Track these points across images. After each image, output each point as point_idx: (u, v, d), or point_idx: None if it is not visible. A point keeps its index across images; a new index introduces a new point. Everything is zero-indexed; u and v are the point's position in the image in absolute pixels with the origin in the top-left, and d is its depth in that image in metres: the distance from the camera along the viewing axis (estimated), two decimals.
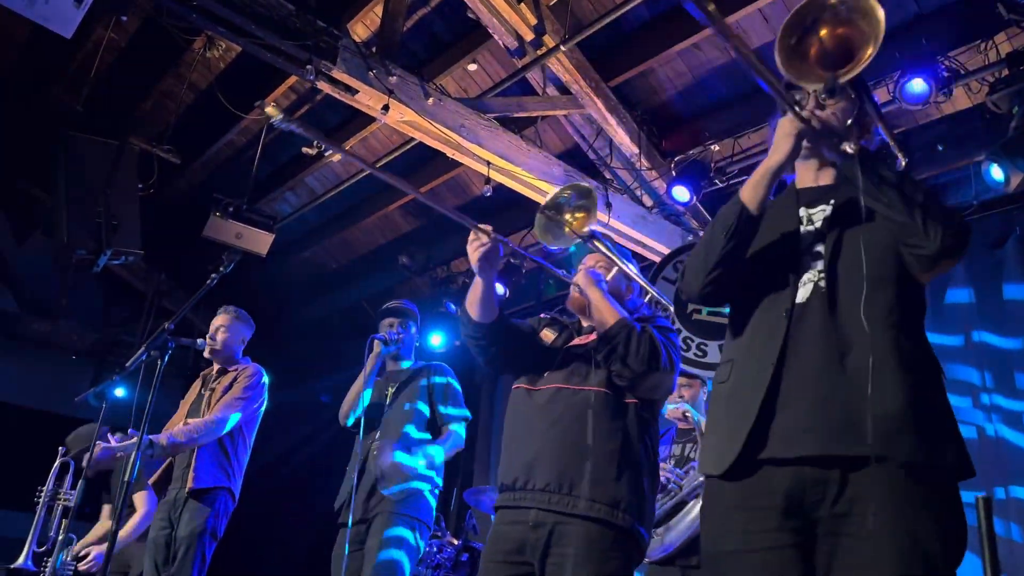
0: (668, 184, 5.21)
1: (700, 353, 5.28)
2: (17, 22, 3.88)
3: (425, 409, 3.56)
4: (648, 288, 2.60)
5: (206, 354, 3.99)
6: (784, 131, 1.68)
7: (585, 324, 2.58)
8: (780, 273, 1.71)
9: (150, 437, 3.54)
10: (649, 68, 5.13)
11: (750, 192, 1.72)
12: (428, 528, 3.38)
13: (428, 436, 3.51)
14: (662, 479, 3.63)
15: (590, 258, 2.62)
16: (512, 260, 6.68)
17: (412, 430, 3.46)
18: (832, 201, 1.76)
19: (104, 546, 3.93)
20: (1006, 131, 3.89)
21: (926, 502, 1.47)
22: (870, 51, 1.53)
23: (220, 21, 3.94)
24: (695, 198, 5.13)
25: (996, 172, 3.90)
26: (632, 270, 2.56)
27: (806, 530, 1.53)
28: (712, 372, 4.71)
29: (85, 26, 4.74)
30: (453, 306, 6.83)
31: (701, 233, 5.72)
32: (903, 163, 2.04)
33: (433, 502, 3.44)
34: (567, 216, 2.36)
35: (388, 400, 3.57)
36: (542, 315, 2.72)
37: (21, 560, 4.30)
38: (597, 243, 2.39)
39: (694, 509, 3.51)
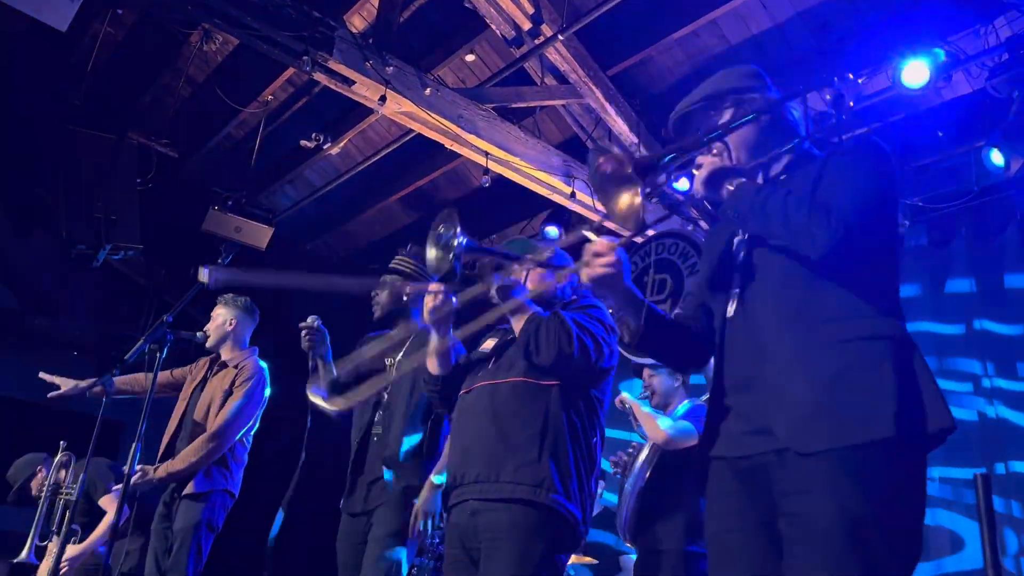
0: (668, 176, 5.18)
1: None
2: (14, 16, 3.87)
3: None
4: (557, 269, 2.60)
5: (206, 345, 3.98)
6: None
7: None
8: (722, 289, 1.81)
9: (144, 468, 3.56)
10: (647, 56, 5.11)
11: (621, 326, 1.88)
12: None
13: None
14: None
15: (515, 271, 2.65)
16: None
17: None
18: None
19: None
20: (1006, 116, 3.88)
21: (858, 477, 1.46)
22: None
23: (216, 13, 3.93)
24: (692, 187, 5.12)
25: (996, 157, 3.89)
26: (553, 263, 2.59)
27: (770, 510, 1.57)
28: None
29: (82, 20, 4.74)
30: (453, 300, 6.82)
31: (701, 223, 5.72)
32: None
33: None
34: (446, 252, 2.43)
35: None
36: (497, 327, 2.78)
37: (24, 555, 4.31)
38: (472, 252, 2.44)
39: (627, 484, 3.70)
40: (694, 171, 1.77)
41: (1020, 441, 4.12)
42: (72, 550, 4.17)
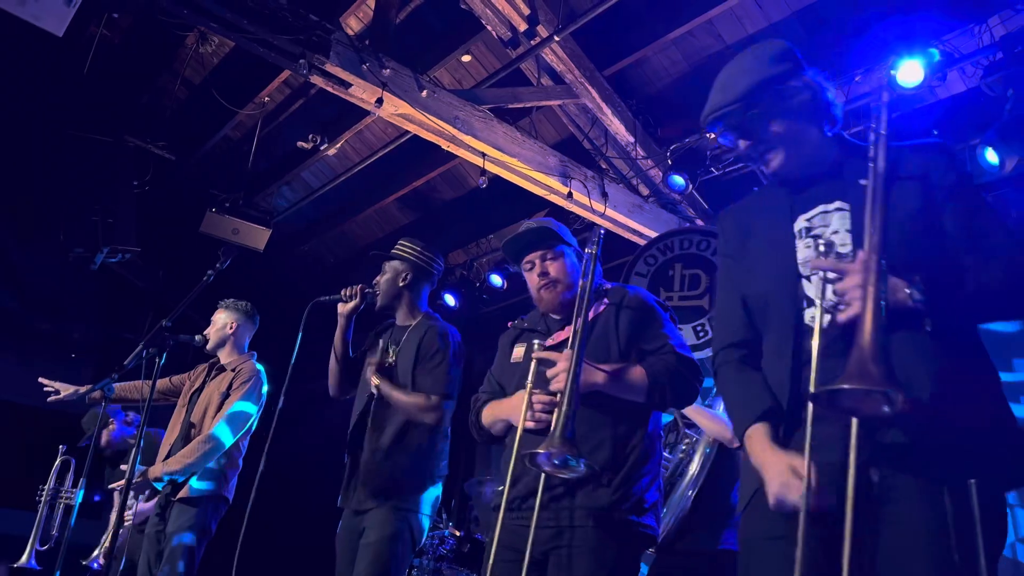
0: (664, 173, 5.20)
1: (703, 332, 5.34)
2: (9, 20, 3.87)
3: None
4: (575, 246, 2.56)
5: (205, 349, 3.98)
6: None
7: (557, 317, 2.53)
8: (792, 290, 1.72)
9: (144, 469, 3.57)
10: (644, 57, 5.12)
11: None
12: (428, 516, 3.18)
13: None
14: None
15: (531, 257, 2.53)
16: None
17: None
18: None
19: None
20: (1001, 115, 3.89)
21: (957, 499, 1.44)
22: None
23: (212, 16, 3.93)
24: (691, 186, 5.14)
25: (991, 156, 3.90)
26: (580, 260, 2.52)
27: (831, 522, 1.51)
28: (702, 352, 4.80)
29: (78, 24, 4.73)
30: (450, 300, 6.84)
31: (698, 221, 5.74)
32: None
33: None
34: None
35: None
36: (509, 324, 2.69)
37: (24, 559, 4.32)
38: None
39: (679, 489, 3.52)
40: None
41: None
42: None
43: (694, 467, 3.52)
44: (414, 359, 3.12)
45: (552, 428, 2.04)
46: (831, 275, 1.53)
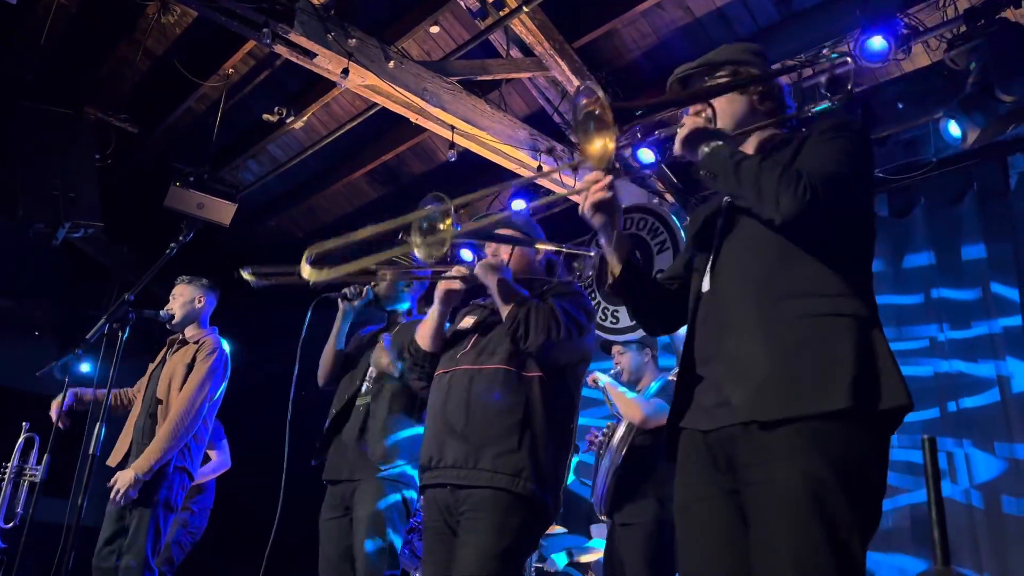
0: (633, 146, 5.18)
1: (614, 320, 5.54)
2: None
3: None
4: (561, 248, 2.74)
5: (168, 325, 3.93)
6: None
7: None
8: (700, 264, 1.84)
9: (121, 475, 3.55)
10: (613, 29, 5.09)
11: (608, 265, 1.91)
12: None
13: None
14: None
15: (488, 248, 2.77)
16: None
17: None
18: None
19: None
20: (964, 88, 3.94)
21: (821, 448, 1.49)
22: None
23: None
24: (660, 160, 5.14)
25: (954, 129, 3.95)
26: (529, 231, 2.72)
27: (736, 482, 1.61)
28: (627, 336, 4.95)
29: None
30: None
31: (667, 196, 5.76)
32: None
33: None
34: (440, 228, 2.35)
35: None
36: (472, 302, 2.86)
37: None
38: (464, 232, 2.39)
39: (602, 462, 3.81)
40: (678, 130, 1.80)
41: (972, 385, 4.30)
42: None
43: (614, 444, 3.76)
44: None
45: None
46: None
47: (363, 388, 3.30)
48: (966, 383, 4.30)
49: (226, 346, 3.96)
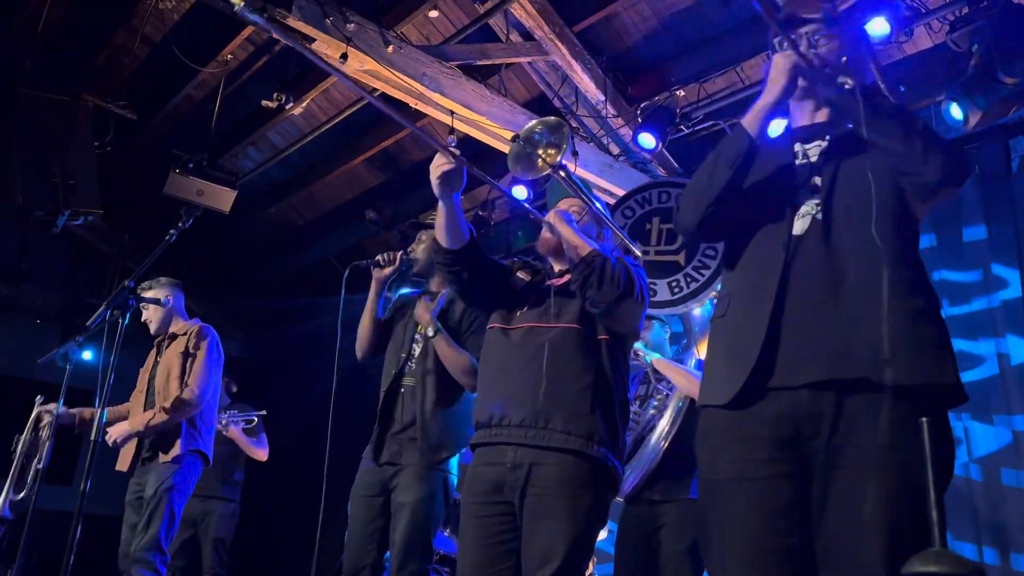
0: (634, 131, 5.18)
1: (651, 292, 5.41)
2: None
3: None
4: (618, 233, 2.62)
5: (153, 331, 4.02)
6: (779, 68, 1.73)
7: (556, 268, 2.63)
8: (776, 207, 1.74)
9: (115, 427, 3.61)
10: (613, 12, 5.06)
11: (752, 125, 1.76)
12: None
13: None
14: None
15: (564, 202, 2.67)
16: (480, 212, 6.65)
17: None
18: (828, 136, 1.80)
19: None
20: (966, 70, 3.91)
21: (918, 434, 1.46)
22: None
23: None
24: (661, 145, 5.12)
25: (955, 111, 3.93)
26: (603, 213, 2.61)
27: (800, 462, 1.57)
28: (662, 310, 4.87)
29: None
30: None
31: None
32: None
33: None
34: (539, 150, 2.36)
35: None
36: (515, 258, 2.75)
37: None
38: (564, 175, 2.38)
39: (650, 442, 3.60)
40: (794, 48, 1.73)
41: (966, 359, 4.30)
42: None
43: (664, 422, 3.59)
44: (459, 322, 3.17)
45: None
46: None
47: (407, 367, 3.18)
48: (965, 359, 4.31)
49: (214, 330, 4.03)
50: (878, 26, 3.99)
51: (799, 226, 1.70)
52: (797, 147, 1.82)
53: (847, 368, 1.52)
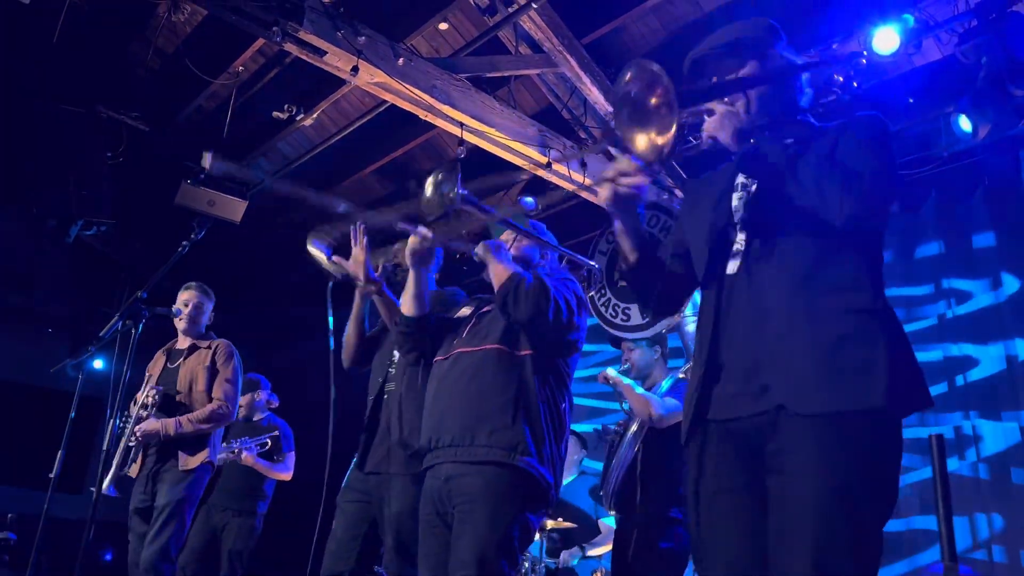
0: None
1: (625, 317, 5.55)
2: None
3: None
4: (561, 250, 2.83)
5: (179, 328, 4.04)
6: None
7: None
8: (720, 243, 1.78)
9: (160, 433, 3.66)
10: (622, 25, 5.08)
11: (624, 251, 1.86)
12: None
13: None
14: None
15: (504, 235, 2.81)
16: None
17: None
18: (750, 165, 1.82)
19: None
20: (975, 82, 3.91)
21: (851, 444, 1.51)
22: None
23: None
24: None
25: (964, 123, 3.93)
26: (539, 235, 2.77)
27: (759, 471, 1.62)
28: (637, 333, 4.99)
29: None
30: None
31: (676, 191, 5.75)
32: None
33: None
34: (440, 194, 2.50)
35: None
36: (474, 296, 2.95)
37: (105, 486, 4.26)
38: (472, 206, 2.50)
39: (615, 457, 3.83)
40: (706, 116, 1.72)
41: (977, 363, 4.34)
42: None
43: (623, 448, 3.76)
44: None
45: None
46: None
47: (390, 372, 3.17)
48: (971, 361, 4.35)
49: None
50: (886, 39, 4.00)
51: (732, 265, 1.74)
52: (739, 178, 1.83)
53: (766, 403, 1.59)
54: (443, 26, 5.32)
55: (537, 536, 4.44)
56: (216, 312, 4.28)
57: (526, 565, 4.46)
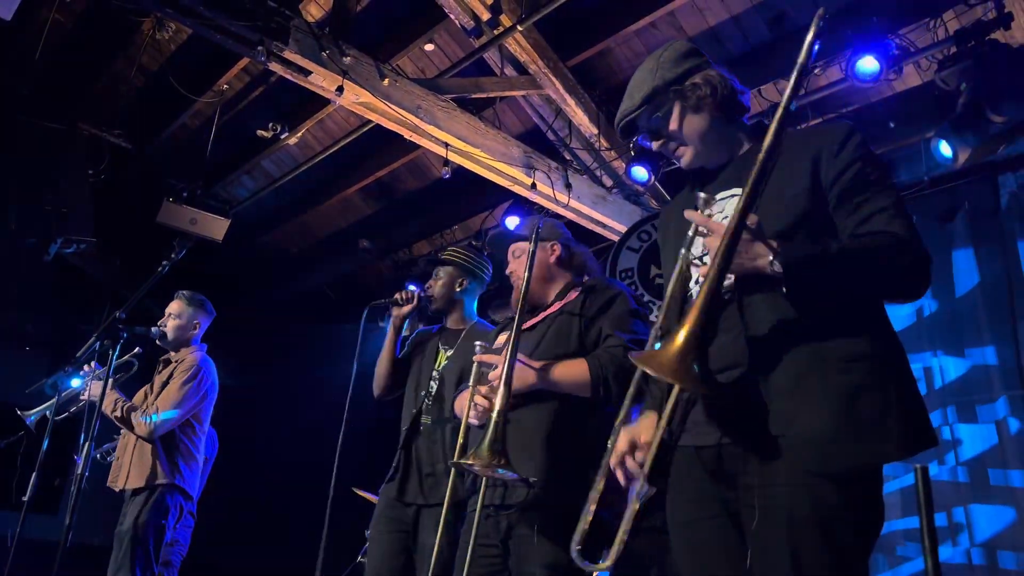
0: (627, 164, 5.22)
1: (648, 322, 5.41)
2: None
3: None
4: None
5: (159, 341, 3.92)
6: None
7: (538, 304, 2.61)
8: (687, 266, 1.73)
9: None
10: (607, 48, 5.13)
11: None
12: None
13: None
14: None
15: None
16: (473, 243, 6.67)
17: None
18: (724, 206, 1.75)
19: None
20: (954, 108, 3.97)
21: (831, 473, 1.47)
22: None
23: (168, 2, 3.85)
24: (653, 178, 5.16)
25: (945, 148, 3.98)
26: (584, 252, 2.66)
27: (735, 500, 1.59)
28: None
29: (29, 7, 4.61)
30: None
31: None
32: None
33: None
34: None
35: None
36: (507, 317, 2.80)
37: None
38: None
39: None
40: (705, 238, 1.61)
41: (962, 382, 4.39)
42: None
43: None
44: None
45: (482, 438, 2.09)
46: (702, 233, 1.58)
47: (424, 405, 3.13)
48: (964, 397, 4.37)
49: (208, 363, 3.95)
50: (866, 64, 4.05)
51: (696, 289, 1.70)
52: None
53: (740, 435, 1.56)
54: (429, 47, 5.34)
55: None
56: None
57: None
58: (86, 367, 3.74)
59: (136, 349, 3.88)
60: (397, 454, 3.10)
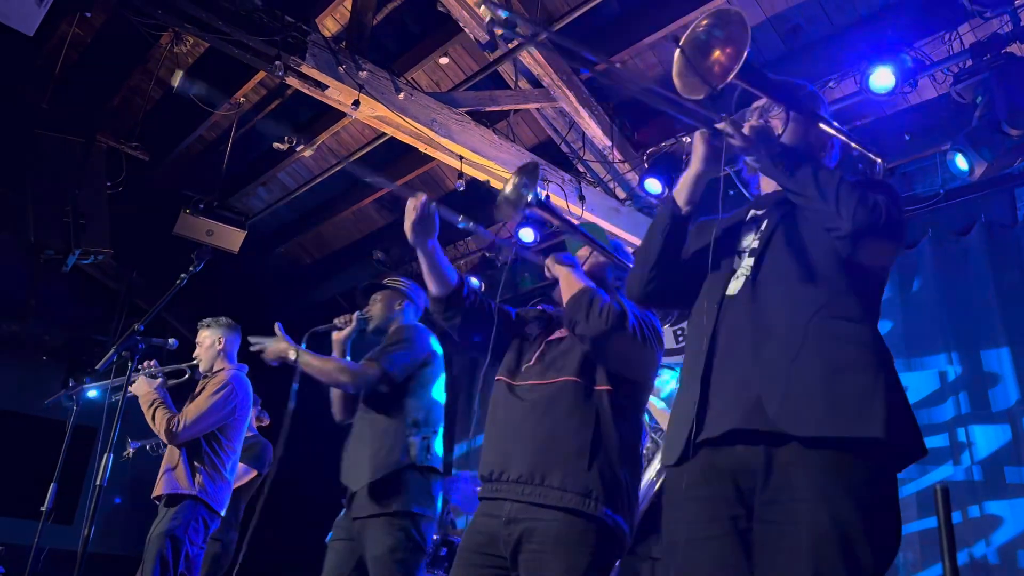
0: (641, 177, 5.23)
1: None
2: None
3: None
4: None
5: (201, 370, 4.00)
6: (696, 143, 1.91)
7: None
8: (722, 268, 1.84)
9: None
10: (620, 60, 5.14)
11: (679, 195, 1.90)
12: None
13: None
14: None
15: (582, 251, 2.65)
16: (487, 254, 6.69)
17: None
18: (773, 200, 1.90)
19: None
20: (970, 121, 3.95)
21: (849, 488, 1.49)
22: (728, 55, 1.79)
23: (186, 17, 3.89)
24: (667, 190, 5.16)
25: (960, 162, 3.96)
26: (613, 251, 2.59)
27: (747, 517, 1.59)
28: (669, 358, 4.92)
29: (50, 22, 4.67)
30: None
31: None
32: (880, 165, 2.05)
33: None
34: (525, 196, 2.37)
35: None
36: (537, 305, 2.74)
37: None
38: (542, 211, 2.39)
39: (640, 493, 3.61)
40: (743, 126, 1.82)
41: (981, 396, 4.36)
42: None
43: (650, 473, 3.62)
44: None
45: None
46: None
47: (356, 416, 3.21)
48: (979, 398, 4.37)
49: (243, 381, 3.98)
50: (882, 77, 4.04)
51: (733, 286, 1.78)
52: (751, 213, 1.93)
53: (760, 420, 1.57)
54: (444, 60, 5.37)
55: None
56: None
57: None
58: (144, 364, 3.81)
59: (171, 342, 3.91)
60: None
